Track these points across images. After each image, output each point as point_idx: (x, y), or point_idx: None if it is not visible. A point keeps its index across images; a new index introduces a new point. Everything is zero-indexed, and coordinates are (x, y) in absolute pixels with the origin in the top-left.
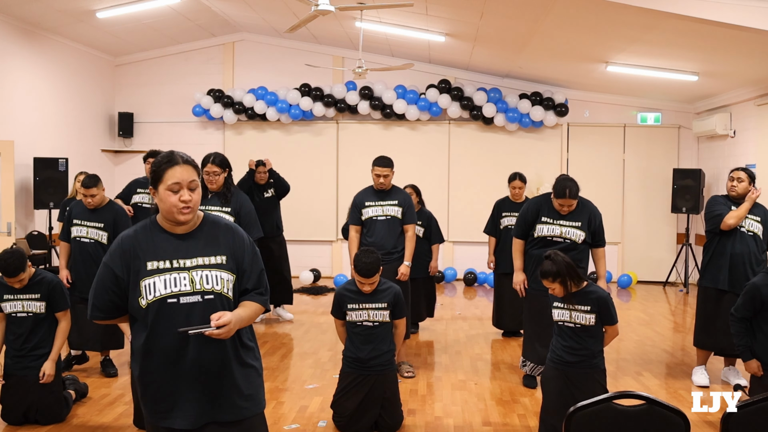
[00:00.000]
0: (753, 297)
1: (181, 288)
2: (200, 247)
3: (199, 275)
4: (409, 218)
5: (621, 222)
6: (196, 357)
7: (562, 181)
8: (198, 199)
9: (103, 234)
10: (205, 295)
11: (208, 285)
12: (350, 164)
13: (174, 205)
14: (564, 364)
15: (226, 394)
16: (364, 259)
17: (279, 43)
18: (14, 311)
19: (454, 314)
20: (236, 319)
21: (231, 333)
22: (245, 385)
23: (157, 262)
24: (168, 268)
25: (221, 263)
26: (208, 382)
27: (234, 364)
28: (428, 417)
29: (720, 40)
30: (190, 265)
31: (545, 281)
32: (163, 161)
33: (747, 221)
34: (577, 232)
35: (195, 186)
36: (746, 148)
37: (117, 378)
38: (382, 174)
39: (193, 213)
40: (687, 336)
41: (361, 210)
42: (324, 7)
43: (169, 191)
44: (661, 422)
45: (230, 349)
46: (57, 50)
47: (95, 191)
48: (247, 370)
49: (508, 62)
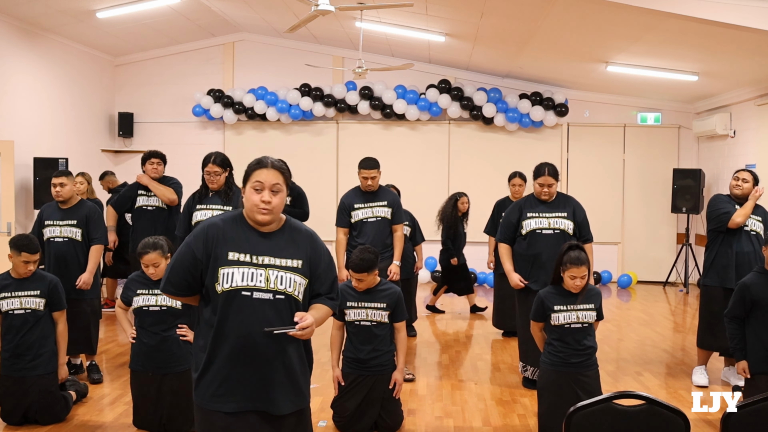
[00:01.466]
0: (743, 296)
1: (257, 283)
2: (280, 248)
3: (275, 274)
4: (397, 218)
5: (621, 222)
6: (262, 350)
7: (540, 164)
8: (279, 203)
9: (76, 231)
10: (277, 295)
11: (281, 285)
12: (350, 164)
13: (255, 204)
14: (568, 366)
15: (279, 386)
16: (359, 254)
17: (279, 43)
18: (11, 308)
19: (454, 314)
20: (315, 321)
21: (311, 334)
22: (297, 380)
23: (239, 253)
24: (247, 262)
25: (297, 267)
26: (266, 373)
27: (294, 360)
28: (428, 417)
29: (720, 40)
30: (268, 263)
31: (576, 270)
32: (254, 163)
33: (750, 221)
34: (564, 222)
35: (278, 189)
36: (746, 148)
37: (117, 379)
38: (369, 176)
39: (273, 215)
40: (687, 336)
41: (350, 212)
42: (324, 7)
43: (253, 189)
44: (661, 422)
45: (293, 347)
46: (57, 50)
47: (65, 180)
48: (302, 368)
49: (508, 62)
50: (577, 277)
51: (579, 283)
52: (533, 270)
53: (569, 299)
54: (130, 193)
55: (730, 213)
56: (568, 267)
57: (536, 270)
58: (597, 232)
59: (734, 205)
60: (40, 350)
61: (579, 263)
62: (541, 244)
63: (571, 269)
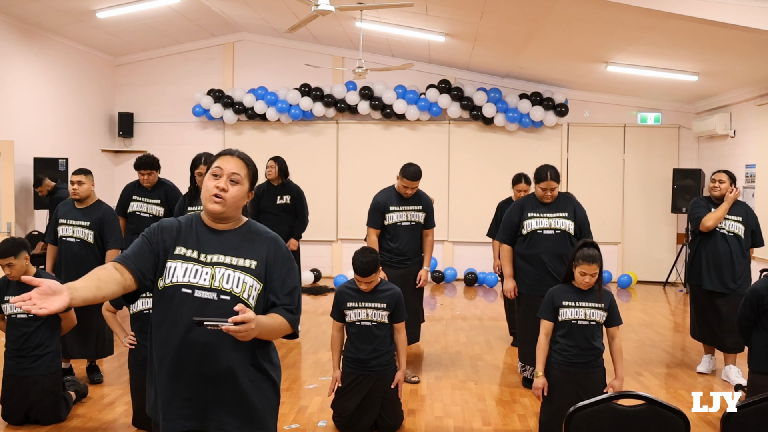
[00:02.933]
0: (753, 302)
1: (199, 281)
2: (233, 246)
3: (221, 273)
4: (429, 223)
5: (621, 222)
6: (202, 356)
7: (541, 167)
8: (235, 195)
9: (89, 233)
10: (221, 295)
11: (227, 285)
12: (350, 164)
13: (208, 190)
14: (572, 366)
15: (221, 407)
16: (362, 258)
17: (279, 43)
18: (14, 312)
19: (454, 314)
20: (258, 322)
21: (250, 336)
22: (250, 404)
23: (186, 249)
24: (193, 258)
25: (249, 267)
26: (207, 387)
27: (242, 377)
28: (428, 417)
29: (720, 40)
30: (215, 261)
31: (587, 266)
32: (219, 153)
33: (727, 222)
34: (565, 222)
35: (237, 180)
36: (746, 148)
37: (117, 379)
38: (411, 186)
39: (225, 207)
40: (687, 336)
41: (384, 214)
42: (324, 7)
43: (211, 175)
44: (661, 422)
45: (242, 360)
46: (57, 50)
47: (83, 178)
48: (256, 391)
49: (508, 62)
50: (588, 274)
51: (589, 281)
52: (534, 272)
53: (578, 296)
54: (124, 199)
55: (701, 216)
56: (579, 263)
57: (537, 270)
58: (597, 232)
59: (710, 208)
60: (43, 350)
61: (591, 261)
62: (542, 245)
63: (582, 265)
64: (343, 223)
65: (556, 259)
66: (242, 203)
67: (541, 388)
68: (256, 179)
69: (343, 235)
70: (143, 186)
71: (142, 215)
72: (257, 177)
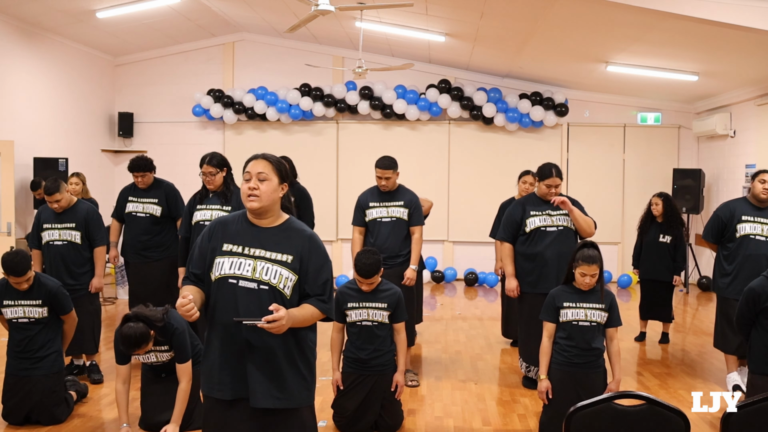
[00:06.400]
0: (750, 301)
1: (243, 272)
2: (273, 242)
3: (262, 266)
4: (416, 220)
5: (621, 222)
6: (246, 338)
7: (544, 164)
8: (267, 190)
9: (75, 234)
10: (261, 285)
11: (266, 276)
12: (350, 164)
13: (244, 192)
14: (572, 366)
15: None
16: (364, 259)
17: (279, 43)
18: (15, 317)
19: (454, 314)
20: (289, 317)
21: (282, 329)
22: (281, 376)
23: (233, 245)
24: (238, 253)
25: (286, 261)
26: (246, 362)
27: (281, 357)
28: (428, 417)
29: (720, 40)
30: (258, 255)
31: (587, 267)
32: (248, 159)
33: (759, 227)
34: (567, 219)
35: (264, 178)
36: (746, 148)
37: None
38: (384, 176)
39: (261, 202)
40: (687, 336)
41: (364, 211)
42: (324, 7)
43: (244, 180)
44: (661, 422)
45: (281, 344)
46: (57, 50)
47: (58, 196)
48: (292, 366)
49: (508, 62)
50: (588, 274)
51: (589, 281)
52: (537, 270)
53: (579, 296)
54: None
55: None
56: (579, 264)
57: (540, 268)
58: (597, 232)
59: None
60: (46, 351)
61: (591, 261)
62: (544, 242)
63: (582, 266)
64: (344, 223)
65: (560, 256)
66: (276, 196)
67: (545, 391)
68: (287, 172)
69: (343, 235)
70: (139, 187)
71: (137, 215)
72: (288, 170)
